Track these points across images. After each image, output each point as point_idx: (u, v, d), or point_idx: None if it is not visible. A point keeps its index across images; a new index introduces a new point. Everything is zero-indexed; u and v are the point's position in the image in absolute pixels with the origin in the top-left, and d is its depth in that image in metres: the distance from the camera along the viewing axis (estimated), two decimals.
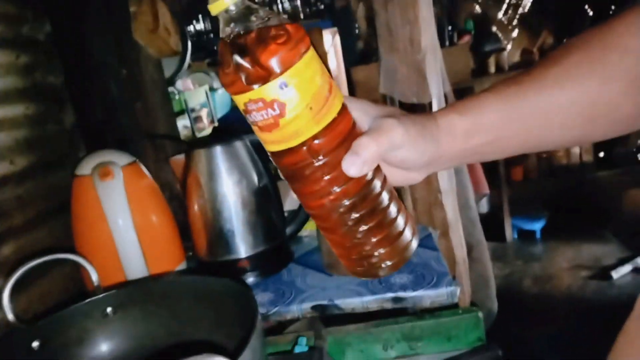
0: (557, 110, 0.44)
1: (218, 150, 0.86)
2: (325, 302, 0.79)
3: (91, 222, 0.80)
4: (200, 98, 2.22)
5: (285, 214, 0.96)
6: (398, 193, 0.47)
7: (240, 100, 0.39)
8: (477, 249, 1.09)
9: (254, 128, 0.41)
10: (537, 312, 2.31)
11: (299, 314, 0.80)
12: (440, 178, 0.95)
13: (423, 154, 0.43)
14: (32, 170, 0.83)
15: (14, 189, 0.80)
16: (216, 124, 2.23)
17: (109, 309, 0.62)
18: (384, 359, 0.77)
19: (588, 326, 2.07)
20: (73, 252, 0.85)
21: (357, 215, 0.42)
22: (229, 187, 0.86)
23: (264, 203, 0.89)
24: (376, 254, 0.44)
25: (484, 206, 3.05)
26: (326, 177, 0.41)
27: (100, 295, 0.61)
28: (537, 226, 2.99)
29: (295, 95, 0.38)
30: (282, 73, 0.37)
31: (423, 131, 0.43)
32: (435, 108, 0.96)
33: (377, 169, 0.44)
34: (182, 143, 1.25)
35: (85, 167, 0.82)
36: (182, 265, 0.89)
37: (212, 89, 2.35)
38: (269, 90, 0.37)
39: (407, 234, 0.45)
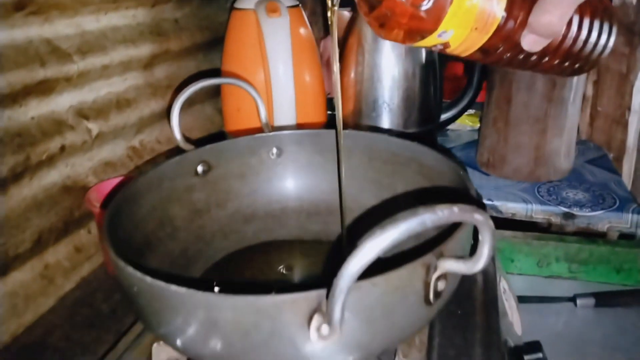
0: None
1: None
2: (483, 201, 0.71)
3: (249, 62, 0.74)
4: None
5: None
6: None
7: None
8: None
9: None
10: None
11: None
12: (635, 93, 0.81)
13: None
14: None
15: (173, 11, 0.74)
16: None
17: (274, 150, 0.56)
18: (534, 274, 0.69)
19: None
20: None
21: (557, 60, 0.37)
22: (393, 56, 0.76)
23: (426, 80, 0.79)
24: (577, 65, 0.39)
25: None
26: (508, 55, 0.36)
27: (269, 134, 0.56)
28: None
29: (457, 31, 0.32)
30: (435, 28, 0.32)
31: None
32: None
33: None
34: None
35: (246, 2, 0.74)
36: None
37: None
38: (428, 42, 0.34)
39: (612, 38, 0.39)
